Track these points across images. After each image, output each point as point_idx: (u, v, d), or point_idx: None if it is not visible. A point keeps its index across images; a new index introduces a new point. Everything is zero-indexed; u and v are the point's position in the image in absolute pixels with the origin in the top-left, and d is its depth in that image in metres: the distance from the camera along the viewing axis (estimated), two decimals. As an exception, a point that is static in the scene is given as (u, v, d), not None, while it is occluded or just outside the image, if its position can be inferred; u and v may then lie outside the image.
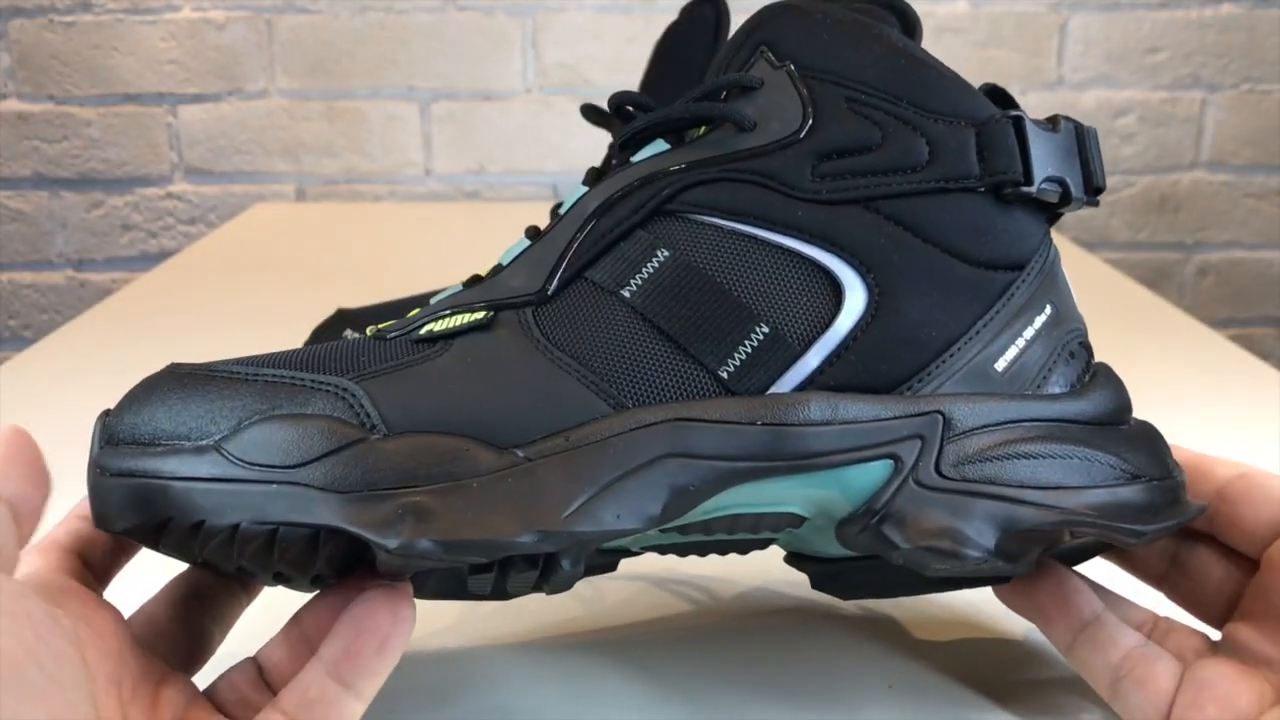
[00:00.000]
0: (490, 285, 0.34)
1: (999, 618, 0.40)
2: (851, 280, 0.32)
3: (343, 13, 1.25)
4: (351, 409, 0.30)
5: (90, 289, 1.33)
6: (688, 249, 0.33)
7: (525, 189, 1.30)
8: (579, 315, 0.33)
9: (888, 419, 0.31)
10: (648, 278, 0.33)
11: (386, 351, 0.32)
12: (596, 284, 0.33)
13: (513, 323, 0.33)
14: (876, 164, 0.33)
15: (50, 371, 0.69)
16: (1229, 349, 0.75)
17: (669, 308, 0.32)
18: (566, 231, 0.34)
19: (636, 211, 0.34)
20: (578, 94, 1.26)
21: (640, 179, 0.34)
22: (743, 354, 0.32)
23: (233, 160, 1.29)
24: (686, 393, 0.32)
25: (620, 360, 0.32)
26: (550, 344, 0.32)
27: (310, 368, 0.31)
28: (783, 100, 0.34)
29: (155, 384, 0.31)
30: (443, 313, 0.33)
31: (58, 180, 1.29)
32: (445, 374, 0.31)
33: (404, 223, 1.14)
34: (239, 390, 0.30)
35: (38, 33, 1.25)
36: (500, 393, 0.31)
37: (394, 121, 1.27)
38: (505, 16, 1.25)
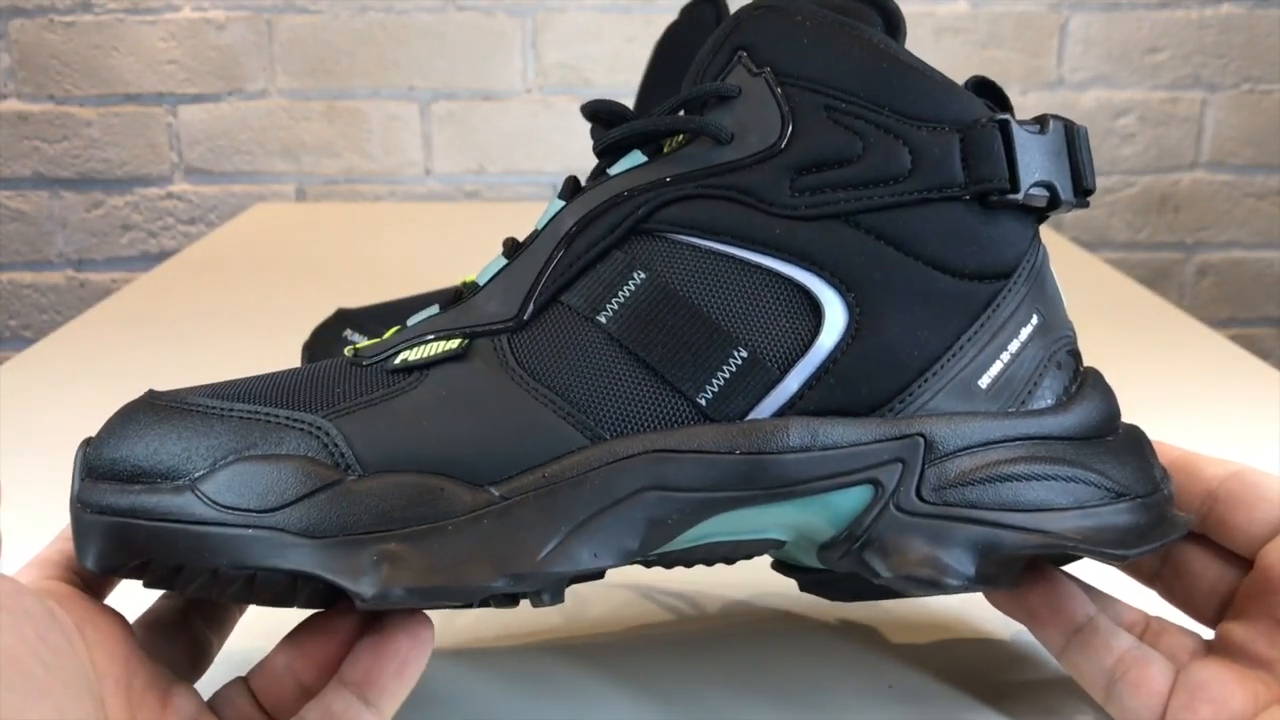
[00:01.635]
0: (466, 309, 0.33)
1: (996, 618, 0.40)
2: (831, 299, 0.32)
3: (343, 13, 1.25)
4: (326, 448, 0.30)
5: (90, 289, 1.33)
6: (664, 270, 0.32)
7: (525, 189, 1.30)
8: (555, 343, 0.32)
9: (868, 443, 0.31)
10: (624, 302, 0.32)
11: (361, 382, 0.32)
12: (573, 309, 0.32)
13: (488, 352, 0.32)
14: (857, 176, 0.32)
15: (50, 371, 0.69)
16: (1229, 349, 0.75)
17: (645, 334, 0.32)
18: (542, 251, 0.33)
19: (612, 230, 0.33)
20: (578, 94, 1.26)
21: (615, 195, 0.33)
22: (721, 380, 0.31)
23: (233, 160, 1.29)
24: (664, 421, 0.31)
25: (597, 390, 0.31)
26: (526, 374, 0.31)
27: (284, 403, 0.31)
28: (761, 110, 0.33)
29: (133, 415, 0.31)
30: (418, 339, 0.33)
31: (58, 180, 1.29)
32: (420, 408, 0.31)
33: (404, 223, 1.14)
34: (214, 427, 0.30)
35: (38, 33, 1.25)
36: (475, 427, 0.31)
37: (394, 121, 1.27)
38: (505, 16, 1.25)
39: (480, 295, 0.34)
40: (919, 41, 1.23)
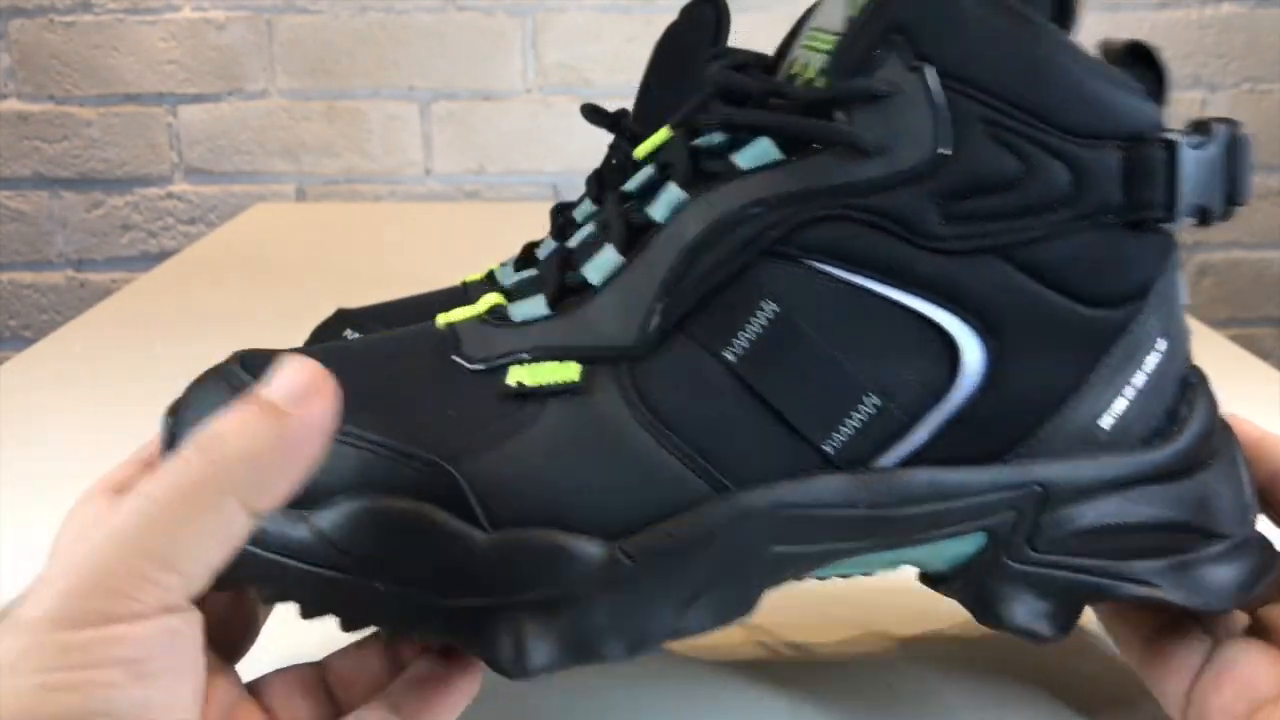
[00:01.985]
0: (582, 320, 0.30)
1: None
2: (970, 343, 0.29)
3: (343, 13, 1.25)
4: (449, 495, 0.28)
5: (90, 289, 1.33)
6: (797, 303, 0.29)
7: (525, 189, 1.30)
8: (678, 379, 0.29)
9: (986, 492, 0.30)
10: (753, 339, 0.29)
11: (474, 402, 0.29)
12: (698, 341, 0.29)
13: (609, 384, 0.29)
14: (1016, 204, 0.28)
15: (50, 372, 0.69)
16: (1229, 349, 0.74)
17: (773, 375, 0.29)
18: (662, 258, 0.30)
19: (744, 248, 0.29)
20: (578, 94, 1.26)
21: (748, 205, 0.29)
22: (850, 429, 0.29)
23: (233, 160, 1.29)
24: (788, 468, 0.29)
25: (721, 434, 0.29)
26: (650, 414, 0.29)
27: (398, 425, 0.28)
28: (914, 117, 0.28)
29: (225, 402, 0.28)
30: (531, 356, 0.30)
31: (58, 180, 1.29)
32: (541, 450, 0.28)
33: (404, 223, 1.14)
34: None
35: (38, 33, 1.25)
36: (598, 473, 0.29)
37: (394, 121, 1.27)
38: (505, 16, 1.25)
39: (596, 303, 0.30)
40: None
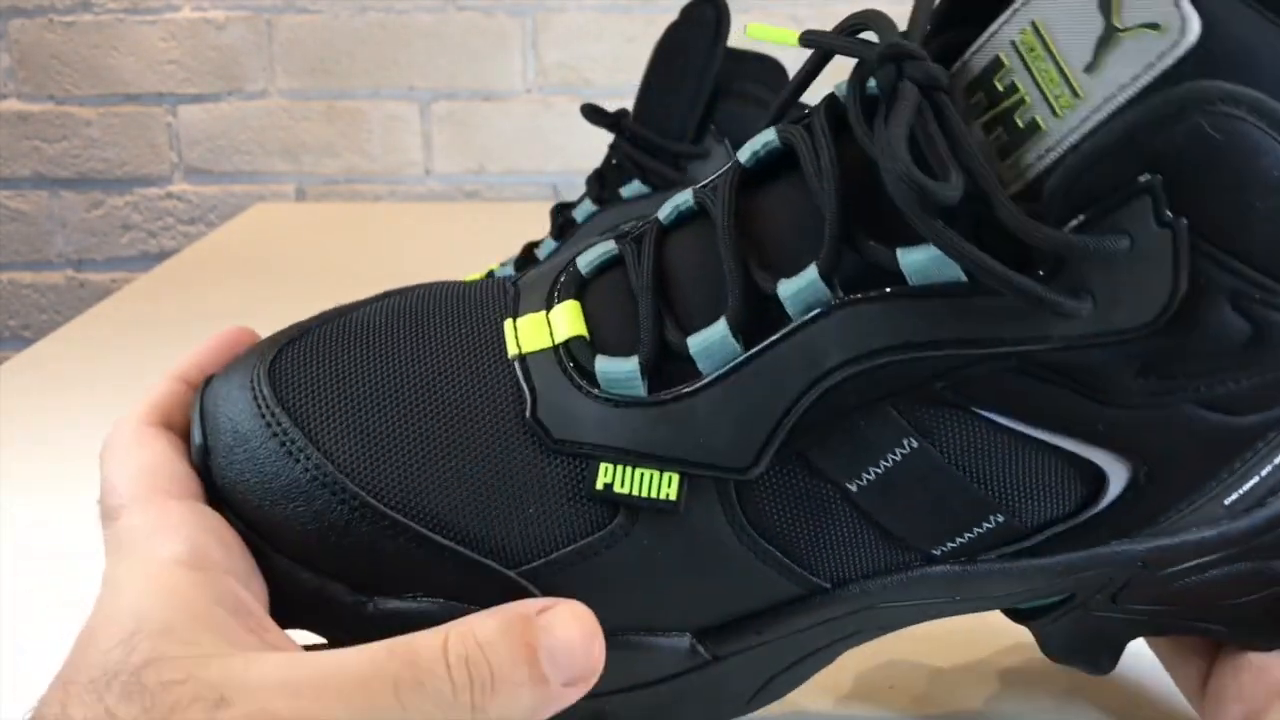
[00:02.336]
0: (686, 425, 0.26)
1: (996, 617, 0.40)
2: (1119, 472, 0.27)
3: (343, 12, 1.25)
4: None
5: (90, 289, 1.33)
6: (943, 441, 0.26)
7: (525, 189, 1.30)
8: (788, 503, 0.27)
9: (1087, 568, 0.28)
10: (883, 473, 0.26)
11: (555, 499, 0.26)
12: (819, 471, 0.27)
13: (711, 502, 0.26)
14: (1231, 362, 0.25)
15: (50, 371, 0.69)
16: None
17: (897, 504, 0.27)
18: (791, 382, 0.25)
19: (897, 393, 0.26)
20: (578, 94, 1.26)
21: (912, 348, 0.25)
22: (963, 539, 0.28)
23: (233, 160, 1.29)
24: (890, 568, 0.28)
25: (824, 547, 0.27)
26: (753, 532, 0.27)
27: (470, 532, 0.26)
28: (1150, 280, 0.23)
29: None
30: (626, 459, 0.26)
31: (57, 180, 1.29)
32: (630, 567, 0.27)
33: (404, 223, 1.14)
34: (385, 548, 0.26)
35: (37, 32, 1.25)
36: (689, 582, 0.27)
37: (394, 121, 1.27)
38: (505, 16, 1.24)
39: (704, 403, 0.26)
40: (919, 41, 1.23)
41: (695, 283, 0.27)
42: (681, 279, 0.28)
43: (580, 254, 0.30)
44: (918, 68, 0.24)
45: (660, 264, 0.28)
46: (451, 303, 0.30)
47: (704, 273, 0.27)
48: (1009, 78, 0.24)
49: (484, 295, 0.30)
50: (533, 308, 0.29)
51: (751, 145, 0.28)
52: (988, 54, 0.25)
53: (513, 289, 0.30)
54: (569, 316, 0.28)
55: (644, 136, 0.63)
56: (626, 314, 0.28)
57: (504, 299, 0.29)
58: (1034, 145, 0.24)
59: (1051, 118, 0.23)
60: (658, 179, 0.63)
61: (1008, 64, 0.24)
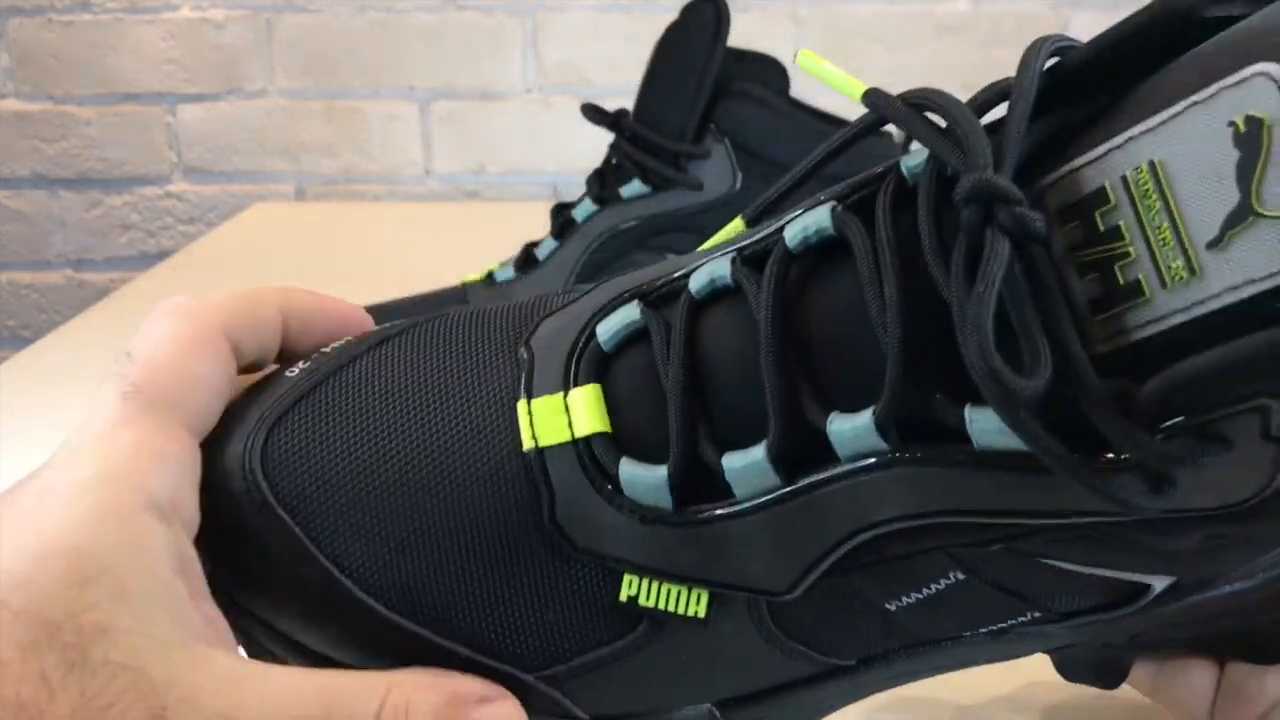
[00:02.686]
0: (718, 549, 0.24)
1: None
2: (1163, 581, 0.25)
3: (342, 12, 1.25)
4: (542, 701, 0.25)
5: (89, 289, 1.33)
6: (989, 574, 0.25)
7: (525, 189, 1.29)
8: (822, 615, 0.25)
9: (1113, 627, 0.27)
10: (924, 597, 0.25)
11: (579, 612, 0.25)
12: (858, 594, 0.25)
13: (740, 614, 0.25)
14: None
15: (49, 371, 0.69)
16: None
17: (935, 618, 0.25)
18: (836, 525, 0.24)
19: (950, 538, 0.24)
20: (578, 94, 1.25)
21: (969, 513, 0.23)
22: (995, 628, 0.26)
23: (232, 160, 1.28)
24: (918, 647, 0.27)
25: (856, 644, 0.26)
26: (782, 634, 0.25)
27: (487, 641, 0.25)
28: (1240, 476, 0.21)
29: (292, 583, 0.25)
30: (652, 575, 0.25)
31: (56, 180, 1.29)
32: (655, 668, 0.25)
33: (404, 223, 1.14)
34: (394, 645, 0.25)
35: (36, 32, 1.25)
36: (714, 676, 0.26)
37: (393, 121, 1.27)
38: (505, 16, 1.24)
39: (738, 531, 0.24)
40: (919, 41, 1.23)
41: (732, 387, 0.25)
42: (717, 377, 0.25)
43: (600, 317, 0.26)
44: (1011, 215, 0.20)
45: (692, 350, 0.25)
46: (458, 365, 0.27)
47: (742, 375, 0.24)
48: (1114, 218, 0.21)
49: (494, 359, 0.27)
50: (548, 386, 0.26)
51: (802, 226, 0.25)
52: (1092, 178, 0.21)
53: (526, 355, 0.27)
54: (589, 406, 0.25)
55: (644, 136, 0.63)
56: (654, 410, 0.25)
57: (516, 366, 0.26)
58: (1134, 311, 0.20)
59: (1159, 287, 0.20)
60: (658, 178, 0.63)
61: (1113, 200, 0.21)
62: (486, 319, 0.28)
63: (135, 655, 0.22)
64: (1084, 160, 0.21)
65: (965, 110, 0.22)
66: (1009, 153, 0.21)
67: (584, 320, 0.27)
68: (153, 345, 0.26)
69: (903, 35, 1.23)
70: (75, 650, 0.21)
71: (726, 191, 0.63)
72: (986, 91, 0.24)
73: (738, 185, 0.63)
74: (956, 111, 0.22)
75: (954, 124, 0.22)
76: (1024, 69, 0.22)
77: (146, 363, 0.26)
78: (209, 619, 0.24)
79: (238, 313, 0.28)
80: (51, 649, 0.21)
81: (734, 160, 0.63)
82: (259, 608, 0.26)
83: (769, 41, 0.74)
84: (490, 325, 0.28)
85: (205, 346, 0.26)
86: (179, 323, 0.27)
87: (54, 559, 0.22)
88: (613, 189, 0.64)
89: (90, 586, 0.22)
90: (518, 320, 0.28)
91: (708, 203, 0.63)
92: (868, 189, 0.24)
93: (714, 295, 0.26)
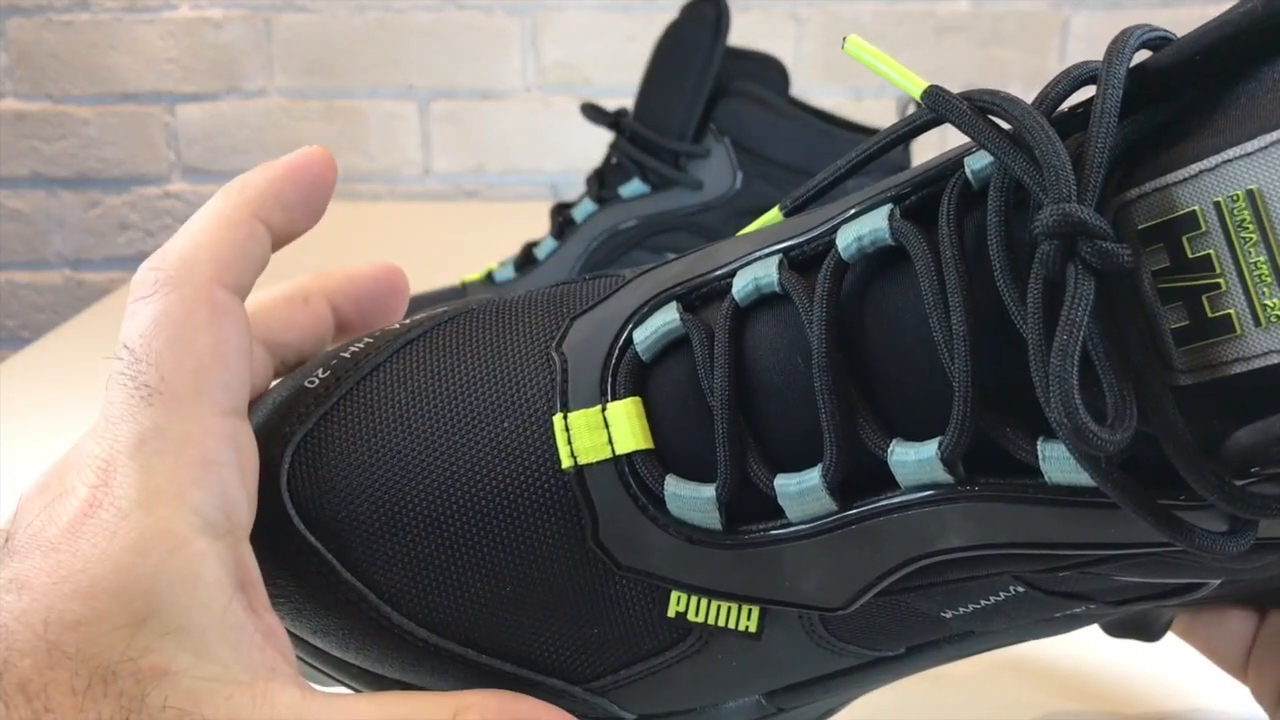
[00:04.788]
0: (770, 571, 0.23)
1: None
2: (1217, 580, 0.25)
3: (341, 11, 1.24)
4: (586, 710, 0.25)
5: (88, 288, 1.32)
6: (1048, 585, 0.24)
7: (525, 188, 1.29)
8: (878, 622, 0.25)
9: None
10: (980, 607, 0.24)
11: (625, 626, 0.24)
12: (915, 609, 0.24)
13: (792, 625, 0.24)
14: None
15: (48, 371, 0.69)
16: None
17: (989, 618, 0.25)
18: (895, 550, 0.23)
19: (1014, 566, 0.23)
20: (578, 93, 1.25)
21: (1039, 545, 0.22)
22: (1048, 618, 0.26)
23: (231, 159, 1.28)
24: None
25: (903, 641, 0.25)
26: (833, 638, 0.25)
27: (534, 657, 0.24)
28: None
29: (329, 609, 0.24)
30: (697, 590, 0.24)
31: (55, 179, 1.29)
32: (703, 675, 0.25)
33: (403, 222, 1.13)
34: (439, 670, 0.24)
35: (35, 31, 1.25)
36: (763, 676, 0.25)
37: (393, 120, 1.27)
38: (505, 15, 1.24)
39: (793, 556, 0.23)
40: (919, 41, 1.23)
41: (782, 402, 0.23)
42: (765, 392, 0.24)
43: (637, 321, 0.25)
44: (1096, 251, 0.19)
45: (737, 360, 0.24)
46: (487, 372, 0.26)
47: (793, 390, 0.23)
48: (1204, 245, 0.19)
49: (524, 364, 0.26)
50: (585, 399, 0.24)
51: (856, 234, 0.23)
52: (1181, 199, 0.19)
53: (559, 361, 0.25)
54: (631, 422, 0.24)
55: (644, 135, 0.63)
56: (698, 424, 0.24)
57: (548, 373, 0.25)
58: (1223, 345, 0.19)
59: (1253, 324, 0.19)
60: (657, 178, 0.63)
61: (1204, 227, 0.19)
62: (513, 315, 0.27)
63: (195, 699, 0.21)
64: (1172, 179, 0.19)
65: (1038, 119, 0.20)
66: (1093, 176, 0.19)
67: (618, 325, 0.25)
68: (148, 335, 0.24)
69: (903, 35, 1.23)
70: (134, 698, 0.20)
71: (726, 191, 0.63)
72: (1060, 81, 0.21)
73: (737, 185, 0.63)
74: (1029, 122, 0.20)
75: (1028, 136, 0.20)
76: (1108, 80, 0.20)
77: (150, 356, 0.23)
78: (269, 631, 0.23)
79: (219, 253, 0.25)
80: (108, 696, 0.20)
81: (734, 160, 0.63)
82: (300, 630, 0.25)
83: (769, 41, 0.74)
84: (518, 323, 0.27)
85: (201, 313, 0.24)
86: (164, 299, 0.24)
87: (104, 597, 0.21)
88: (612, 189, 0.64)
89: (145, 627, 0.21)
90: (547, 318, 0.26)
91: (707, 202, 0.63)
92: (927, 190, 0.23)
93: (759, 300, 0.24)
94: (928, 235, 0.22)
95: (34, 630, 0.21)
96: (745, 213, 0.62)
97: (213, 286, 0.24)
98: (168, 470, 0.22)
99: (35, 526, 0.22)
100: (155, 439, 0.23)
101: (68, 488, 0.23)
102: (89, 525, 0.22)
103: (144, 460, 0.22)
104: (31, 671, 0.20)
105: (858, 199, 0.24)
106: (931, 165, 0.23)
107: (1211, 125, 0.20)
